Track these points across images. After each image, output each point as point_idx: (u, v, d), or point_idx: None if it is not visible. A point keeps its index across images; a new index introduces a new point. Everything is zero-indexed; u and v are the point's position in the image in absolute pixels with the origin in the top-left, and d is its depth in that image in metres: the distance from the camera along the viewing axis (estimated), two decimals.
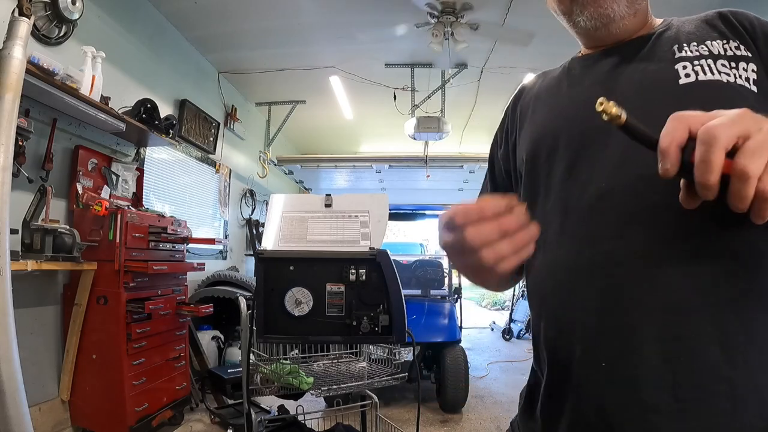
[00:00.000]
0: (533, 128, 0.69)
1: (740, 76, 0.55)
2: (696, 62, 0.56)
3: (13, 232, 1.98)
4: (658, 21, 0.67)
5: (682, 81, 0.56)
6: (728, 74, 0.55)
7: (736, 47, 0.57)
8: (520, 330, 6.73)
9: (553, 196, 0.62)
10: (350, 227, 1.64)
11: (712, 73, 0.55)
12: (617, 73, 0.62)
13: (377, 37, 4.12)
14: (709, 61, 0.56)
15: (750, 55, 0.57)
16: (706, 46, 0.58)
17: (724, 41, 0.58)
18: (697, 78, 0.55)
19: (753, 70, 0.55)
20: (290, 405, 2.20)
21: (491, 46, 4.13)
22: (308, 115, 5.98)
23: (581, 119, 0.60)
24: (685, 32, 0.61)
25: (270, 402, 2.90)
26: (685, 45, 0.59)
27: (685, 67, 0.56)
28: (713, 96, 0.54)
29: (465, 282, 5.10)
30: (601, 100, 0.41)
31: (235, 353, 3.69)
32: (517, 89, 0.83)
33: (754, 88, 0.54)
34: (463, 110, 5.63)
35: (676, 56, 0.58)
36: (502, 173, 0.80)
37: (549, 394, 0.62)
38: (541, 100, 0.72)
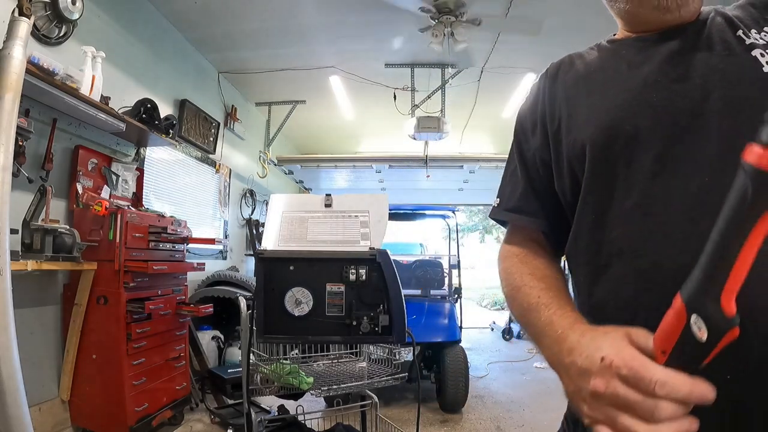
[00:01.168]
0: (596, 113, 0.60)
1: None
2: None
3: (13, 232, 1.98)
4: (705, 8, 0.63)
5: (767, 69, 0.52)
6: None
7: None
8: (520, 330, 6.74)
9: (638, 192, 0.54)
10: (350, 227, 1.64)
11: None
12: (690, 58, 0.57)
13: (377, 37, 4.12)
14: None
15: None
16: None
17: None
18: None
19: None
20: (290, 405, 2.20)
21: (491, 45, 4.13)
22: (308, 115, 5.98)
23: (666, 103, 0.55)
24: (741, 18, 0.58)
25: (270, 402, 2.90)
26: (749, 31, 0.56)
27: (763, 55, 0.53)
28: None
29: (465, 282, 5.10)
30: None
31: (235, 353, 3.69)
32: (549, 69, 0.74)
33: None
34: (463, 110, 5.63)
35: (747, 43, 0.55)
36: (537, 165, 0.70)
37: None
38: (596, 81, 0.64)
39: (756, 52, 0.54)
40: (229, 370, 3.27)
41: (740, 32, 0.56)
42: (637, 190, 0.54)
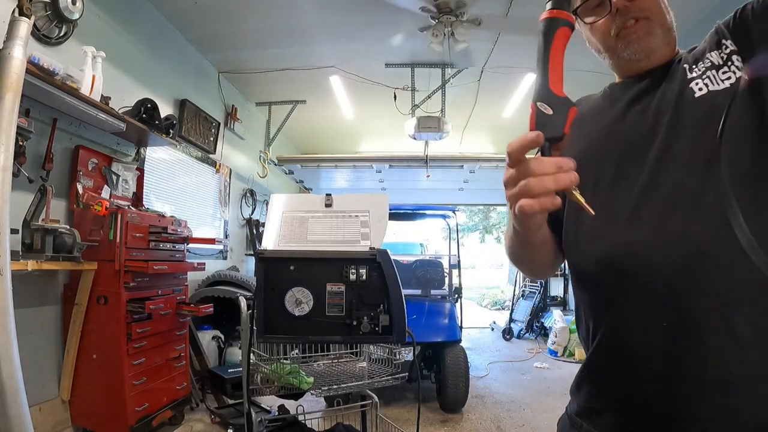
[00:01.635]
0: (581, 141, 0.77)
1: (735, 72, 0.66)
2: (704, 77, 0.69)
3: (14, 232, 1.98)
4: (682, 51, 0.80)
5: (697, 95, 0.69)
6: (730, 77, 0.66)
7: (725, 47, 0.68)
8: (520, 330, 6.74)
9: (605, 193, 0.73)
10: (350, 227, 1.64)
11: (717, 84, 0.67)
12: (653, 93, 0.74)
13: (377, 37, 4.12)
14: (713, 71, 0.68)
15: (737, 48, 0.67)
16: (709, 59, 0.70)
17: (719, 49, 0.69)
18: (708, 90, 0.68)
19: (739, 60, 0.66)
20: (290, 405, 2.20)
21: (492, 45, 4.13)
22: (308, 115, 5.98)
23: (628, 130, 0.75)
24: (693, 55, 0.74)
25: (270, 402, 2.90)
26: (693, 66, 0.72)
27: (697, 84, 0.69)
28: (723, 101, 0.64)
29: (465, 282, 5.10)
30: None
31: (235, 353, 3.70)
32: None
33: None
34: (463, 110, 5.63)
35: (688, 77, 0.71)
36: None
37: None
38: (587, 117, 0.81)
39: (692, 84, 0.70)
40: (229, 370, 3.27)
41: (687, 67, 0.72)
42: (605, 191, 0.73)
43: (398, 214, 4.58)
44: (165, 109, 3.53)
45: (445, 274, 4.76)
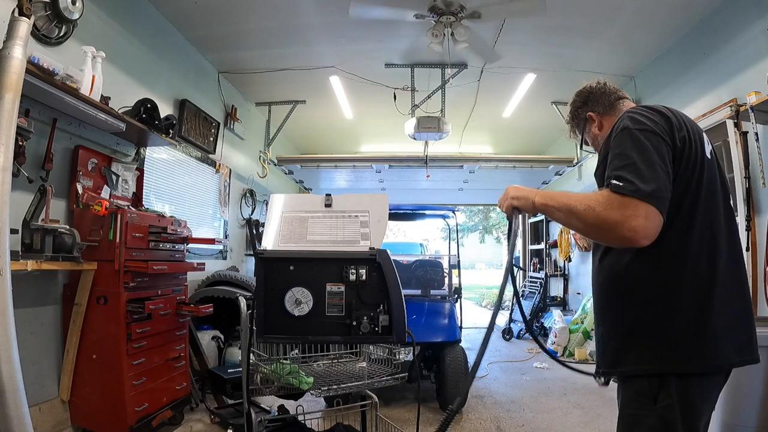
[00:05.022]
0: None
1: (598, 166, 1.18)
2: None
3: (13, 232, 1.98)
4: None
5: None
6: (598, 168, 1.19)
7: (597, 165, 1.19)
8: (520, 330, 6.73)
9: None
10: (350, 227, 1.64)
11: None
12: None
13: (377, 37, 4.12)
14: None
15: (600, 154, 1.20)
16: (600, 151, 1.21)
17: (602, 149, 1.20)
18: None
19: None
20: (290, 405, 2.20)
21: (492, 45, 4.12)
22: (308, 115, 5.99)
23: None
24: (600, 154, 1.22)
25: (270, 402, 2.90)
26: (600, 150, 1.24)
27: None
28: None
29: (465, 282, 5.09)
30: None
31: (235, 353, 3.69)
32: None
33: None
34: (463, 110, 5.63)
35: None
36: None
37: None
38: None
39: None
40: (229, 370, 3.27)
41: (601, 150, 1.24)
42: None
43: (398, 214, 4.58)
44: (165, 109, 3.53)
45: (445, 274, 4.75)
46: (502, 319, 7.70)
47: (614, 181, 0.98)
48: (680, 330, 1.04)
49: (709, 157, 1.13)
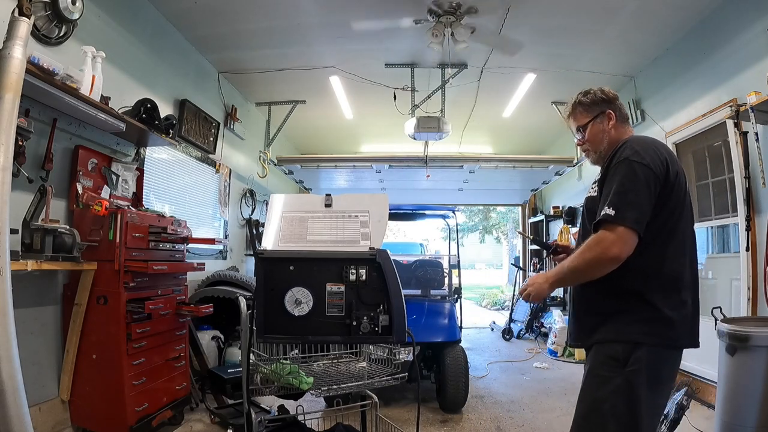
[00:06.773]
0: None
1: (594, 191, 1.44)
2: (592, 184, 1.48)
3: (13, 232, 1.98)
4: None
5: (588, 195, 1.49)
6: (594, 191, 1.43)
7: (599, 177, 1.43)
8: (520, 330, 6.73)
9: None
10: (350, 227, 1.64)
11: (593, 192, 1.45)
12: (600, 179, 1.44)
13: (377, 37, 4.12)
14: (594, 184, 1.47)
15: (596, 181, 1.45)
16: (597, 177, 1.45)
17: (599, 177, 1.44)
18: (590, 194, 1.46)
19: (595, 189, 1.44)
20: (290, 405, 2.20)
21: (492, 45, 4.12)
22: (308, 115, 5.98)
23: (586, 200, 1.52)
24: (603, 167, 1.45)
25: (270, 402, 2.90)
26: (596, 177, 1.46)
27: (593, 188, 1.47)
28: (591, 203, 1.44)
29: (465, 282, 5.09)
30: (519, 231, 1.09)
31: (235, 353, 3.69)
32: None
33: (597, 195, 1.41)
34: (463, 110, 5.63)
35: (592, 182, 1.49)
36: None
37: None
38: None
39: (589, 188, 1.49)
40: (229, 370, 3.27)
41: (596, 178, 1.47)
42: None
43: (398, 214, 4.58)
44: (165, 109, 3.53)
45: (445, 274, 4.75)
46: (501, 320, 7.70)
47: (605, 211, 1.27)
48: (655, 315, 1.29)
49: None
